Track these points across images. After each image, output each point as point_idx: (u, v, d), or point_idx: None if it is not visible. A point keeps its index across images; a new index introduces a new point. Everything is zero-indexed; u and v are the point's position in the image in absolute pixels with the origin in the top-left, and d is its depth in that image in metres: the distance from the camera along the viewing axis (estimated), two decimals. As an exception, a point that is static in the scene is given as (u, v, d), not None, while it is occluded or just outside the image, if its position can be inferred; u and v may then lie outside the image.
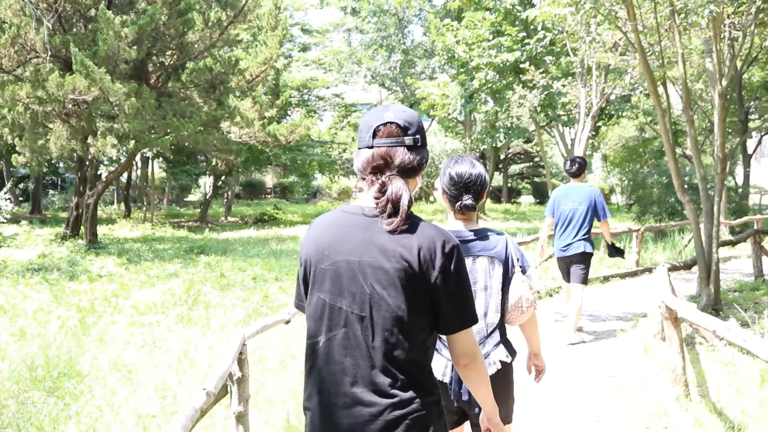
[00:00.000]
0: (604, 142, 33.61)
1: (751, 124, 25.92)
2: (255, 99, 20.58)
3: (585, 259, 8.68)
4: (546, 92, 16.05)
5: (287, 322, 5.80)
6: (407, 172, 2.38)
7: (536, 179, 49.95)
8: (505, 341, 3.44)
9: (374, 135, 2.39)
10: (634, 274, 14.58)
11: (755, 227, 18.62)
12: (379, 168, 2.37)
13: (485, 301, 3.38)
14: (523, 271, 3.45)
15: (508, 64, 17.04)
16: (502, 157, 46.15)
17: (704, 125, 24.32)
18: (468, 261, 3.31)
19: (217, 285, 12.68)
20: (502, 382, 3.38)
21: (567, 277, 8.94)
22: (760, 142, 25.08)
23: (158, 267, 15.45)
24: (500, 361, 3.38)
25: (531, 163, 49.86)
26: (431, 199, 46.71)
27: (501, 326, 3.45)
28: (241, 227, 30.13)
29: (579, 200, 8.65)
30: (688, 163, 26.21)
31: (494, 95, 18.35)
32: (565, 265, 8.89)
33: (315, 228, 2.45)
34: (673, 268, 9.06)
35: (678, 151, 24.74)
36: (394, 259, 2.24)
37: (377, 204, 2.31)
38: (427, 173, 46.24)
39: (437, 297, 2.28)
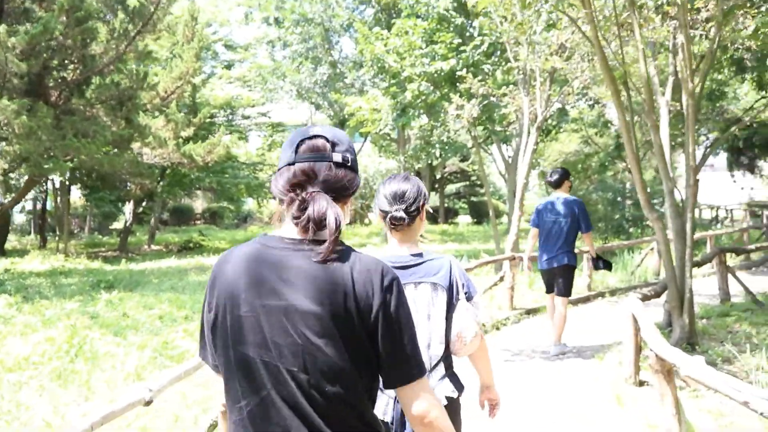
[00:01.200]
0: (542, 159, 32.60)
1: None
2: (169, 117, 18.75)
3: (567, 271, 8.69)
4: (485, 102, 14.71)
5: (148, 402, 4.14)
6: (335, 190, 2.04)
7: (473, 199, 49.00)
8: (450, 374, 3.15)
9: (297, 150, 2.07)
10: (586, 299, 13.28)
11: (708, 245, 17.62)
12: (301, 184, 2.02)
13: (428, 332, 3.09)
14: (469, 298, 3.18)
15: (442, 73, 15.71)
16: (438, 176, 45.07)
17: (646, 138, 23.36)
18: (409, 288, 3.06)
19: (113, 328, 10.90)
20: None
21: (549, 289, 8.99)
22: (705, 156, 24.21)
23: (57, 305, 13.56)
24: (446, 396, 3.07)
25: (468, 182, 48.93)
26: (366, 221, 45.32)
27: (446, 358, 3.15)
28: (164, 256, 28.09)
29: (561, 212, 8.60)
30: (628, 177, 25.22)
31: (429, 109, 16.95)
32: (548, 277, 8.91)
33: (227, 265, 2.05)
34: (645, 298, 7.70)
35: (622, 165, 23.78)
36: (327, 299, 1.89)
37: (297, 223, 1.98)
38: (361, 195, 44.88)
39: (378, 342, 1.94)
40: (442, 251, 25.26)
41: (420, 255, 3.18)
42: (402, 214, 3.12)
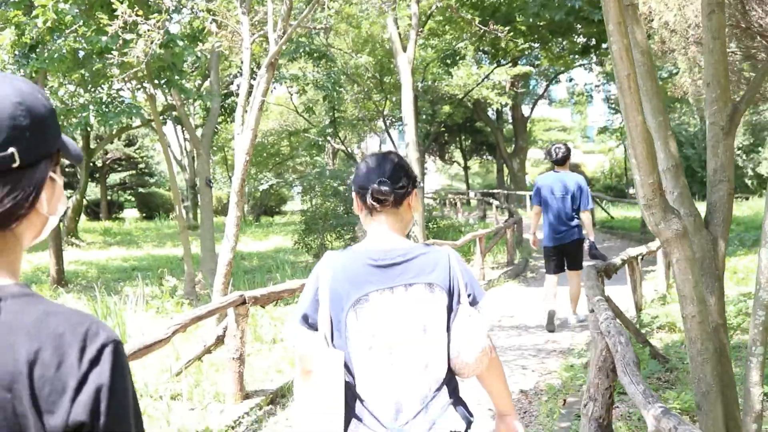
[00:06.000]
0: (228, 145, 26.93)
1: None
2: None
3: (579, 245, 8.69)
4: (167, 26, 8.84)
5: None
6: None
7: (141, 190, 42.45)
8: (456, 401, 2.31)
9: None
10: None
11: (479, 249, 13.33)
12: None
13: (425, 349, 2.24)
14: (473, 303, 2.32)
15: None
16: (100, 164, 37.69)
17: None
18: (398, 292, 2.24)
19: None
20: None
21: (553, 267, 8.77)
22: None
23: None
24: (451, 431, 2.25)
25: (135, 171, 42.22)
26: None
27: (450, 381, 2.32)
28: None
29: (567, 188, 8.49)
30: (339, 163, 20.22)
31: (81, 58, 10.71)
32: (555, 254, 8.74)
33: None
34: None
35: (335, 146, 18.93)
36: None
37: None
38: None
39: None
40: (107, 259, 18.77)
41: (411, 248, 2.32)
42: (387, 187, 2.27)
